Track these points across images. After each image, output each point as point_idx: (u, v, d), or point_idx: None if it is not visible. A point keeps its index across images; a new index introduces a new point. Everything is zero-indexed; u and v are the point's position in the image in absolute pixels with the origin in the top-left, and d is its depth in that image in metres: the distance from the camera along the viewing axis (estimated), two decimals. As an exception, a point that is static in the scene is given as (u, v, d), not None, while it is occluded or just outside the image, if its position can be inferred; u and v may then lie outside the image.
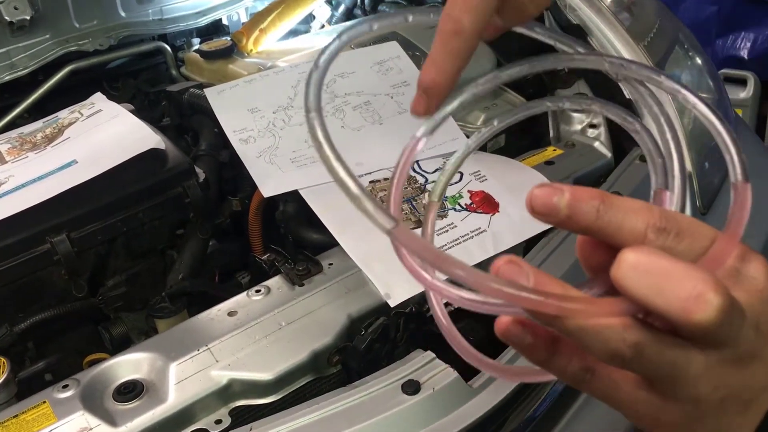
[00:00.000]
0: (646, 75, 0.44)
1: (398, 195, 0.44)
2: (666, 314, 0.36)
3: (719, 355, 0.38)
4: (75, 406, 0.73)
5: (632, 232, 0.38)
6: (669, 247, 0.37)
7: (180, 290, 0.92)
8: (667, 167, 0.42)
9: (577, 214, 0.38)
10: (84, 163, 0.95)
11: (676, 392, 0.39)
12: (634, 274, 0.36)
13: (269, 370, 0.77)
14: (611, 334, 0.37)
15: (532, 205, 0.39)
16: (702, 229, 0.38)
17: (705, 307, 0.35)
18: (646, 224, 0.37)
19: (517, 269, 0.37)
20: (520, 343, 0.42)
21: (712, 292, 0.35)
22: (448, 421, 0.73)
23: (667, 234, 0.37)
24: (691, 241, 0.38)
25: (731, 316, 0.36)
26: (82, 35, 1.36)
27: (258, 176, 1.01)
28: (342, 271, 0.90)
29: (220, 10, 1.53)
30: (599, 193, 0.38)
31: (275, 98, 1.14)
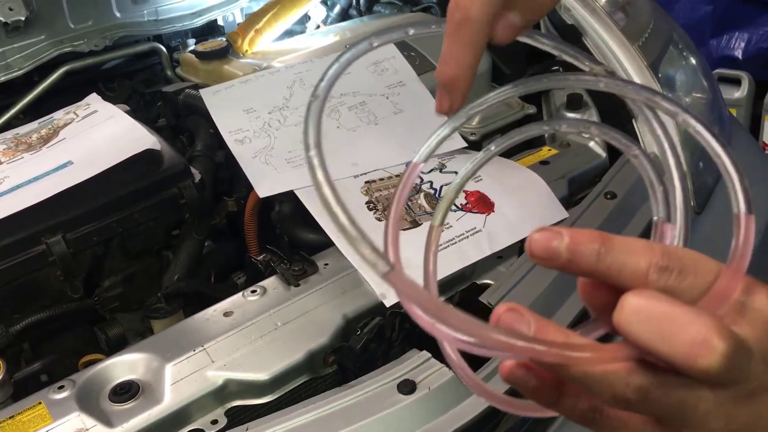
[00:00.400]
0: (645, 96, 0.42)
1: (396, 231, 0.42)
2: (670, 360, 0.35)
3: (728, 393, 0.38)
4: (71, 406, 0.73)
5: (634, 273, 0.37)
6: (672, 286, 0.37)
7: (176, 291, 0.92)
8: (669, 197, 0.41)
9: (578, 258, 0.38)
10: (79, 164, 0.95)
11: (686, 430, 0.39)
12: (637, 320, 0.36)
13: (265, 371, 0.77)
14: (615, 379, 0.37)
15: (531, 250, 0.39)
16: (706, 264, 0.38)
17: (710, 352, 0.34)
18: (648, 264, 0.37)
19: (517, 317, 0.37)
20: (526, 387, 0.41)
21: (716, 337, 0.34)
22: (443, 420, 0.73)
23: (670, 272, 0.37)
24: (695, 278, 0.37)
25: (737, 358, 0.35)
26: (77, 36, 1.36)
27: (253, 177, 1.01)
28: (338, 271, 0.90)
29: (215, 10, 1.53)
30: (599, 235, 0.38)
31: (271, 99, 1.14)
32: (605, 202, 1.01)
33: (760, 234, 1.20)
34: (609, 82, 0.43)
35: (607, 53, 1.24)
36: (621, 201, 1.01)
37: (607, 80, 0.43)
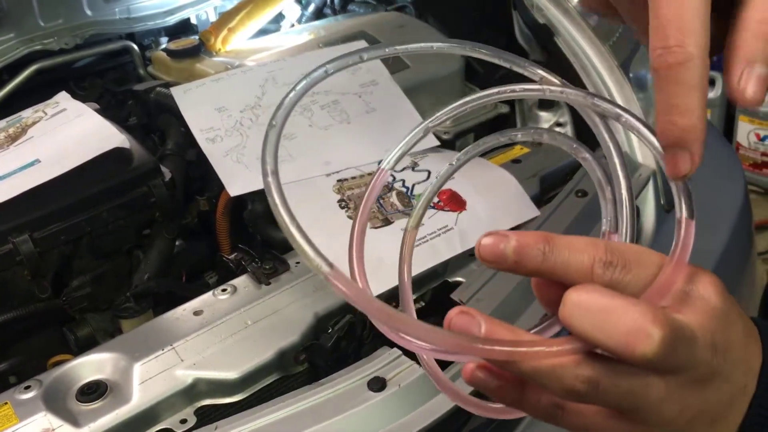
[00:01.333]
0: (590, 102, 0.44)
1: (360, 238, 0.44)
2: (610, 350, 0.37)
3: (677, 379, 0.39)
4: (37, 406, 0.72)
5: (579, 270, 0.39)
6: (616, 279, 0.39)
7: (145, 290, 0.91)
8: (616, 197, 0.43)
9: (524, 260, 0.39)
10: (47, 162, 0.94)
11: (643, 418, 0.40)
12: (578, 313, 0.37)
13: (235, 369, 0.77)
14: (564, 372, 0.38)
15: (480, 254, 0.40)
16: (649, 257, 0.40)
17: (647, 340, 0.36)
18: (591, 260, 0.39)
19: (468, 319, 0.39)
20: (487, 387, 0.43)
21: (651, 325, 0.36)
22: (413, 417, 0.73)
23: (614, 267, 0.39)
24: (638, 271, 0.39)
25: (677, 344, 0.37)
26: (48, 34, 1.34)
27: (225, 175, 1.01)
28: (309, 269, 0.89)
29: (188, 9, 1.52)
30: (544, 236, 0.39)
31: (243, 97, 1.13)
32: (576, 200, 1.02)
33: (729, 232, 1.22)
34: (553, 90, 0.44)
35: (579, 53, 1.25)
36: (591, 199, 1.01)
37: (552, 88, 0.44)
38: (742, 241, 1.25)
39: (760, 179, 2.84)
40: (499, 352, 0.37)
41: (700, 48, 0.38)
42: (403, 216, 0.95)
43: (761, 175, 2.84)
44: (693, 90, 0.38)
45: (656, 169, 1.14)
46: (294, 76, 1.18)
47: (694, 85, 0.38)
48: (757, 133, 2.79)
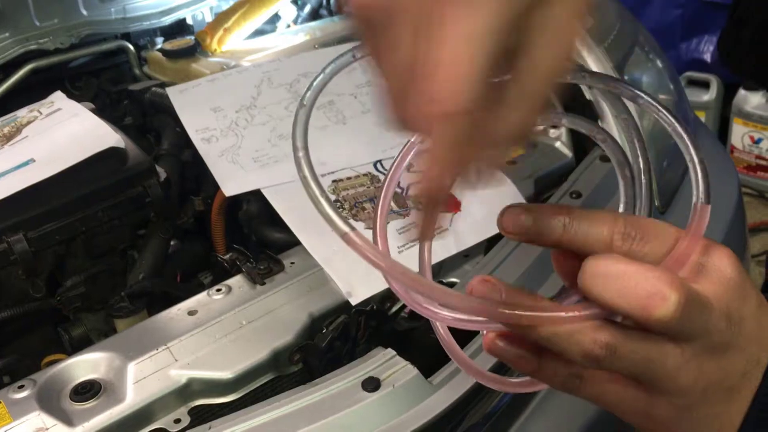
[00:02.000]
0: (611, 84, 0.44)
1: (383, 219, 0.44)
2: (629, 314, 0.38)
3: (693, 347, 0.40)
4: (31, 406, 0.72)
5: (598, 241, 0.40)
6: (635, 250, 0.40)
7: (140, 290, 0.91)
8: (634, 173, 0.45)
9: (546, 230, 0.40)
10: (42, 161, 0.94)
11: (659, 387, 0.41)
12: (597, 281, 0.38)
13: (229, 369, 0.77)
14: (582, 337, 0.39)
15: (502, 225, 0.41)
16: (666, 230, 0.41)
17: (664, 303, 0.37)
18: (611, 232, 0.40)
19: (489, 286, 0.40)
20: (507, 356, 0.44)
21: (668, 289, 0.37)
22: (408, 417, 0.73)
23: (632, 239, 0.40)
24: (656, 243, 0.40)
25: (693, 310, 0.38)
26: (43, 33, 1.34)
27: (220, 176, 1.01)
28: (304, 269, 0.90)
29: (183, 9, 1.52)
30: (565, 208, 0.41)
31: (238, 97, 1.13)
32: (571, 201, 1.02)
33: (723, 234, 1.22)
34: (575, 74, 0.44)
35: (574, 54, 1.25)
36: (586, 200, 1.02)
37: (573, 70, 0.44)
38: (736, 243, 1.25)
39: (754, 182, 2.85)
40: (520, 316, 0.38)
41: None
42: (398, 217, 0.95)
43: (755, 177, 2.85)
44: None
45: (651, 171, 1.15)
46: (290, 76, 1.19)
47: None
48: (751, 136, 2.80)
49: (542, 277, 0.90)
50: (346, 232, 0.38)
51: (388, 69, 0.36)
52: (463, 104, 0.33)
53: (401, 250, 0.90)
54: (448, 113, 0.33)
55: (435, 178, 0.36)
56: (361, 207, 0.96)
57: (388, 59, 0.35)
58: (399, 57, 0.34)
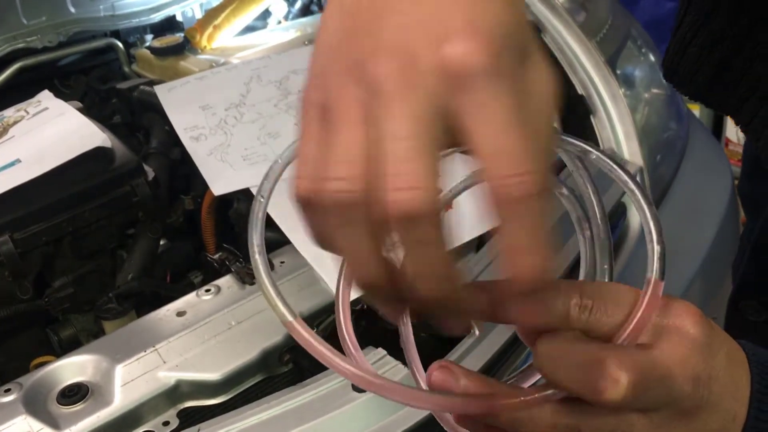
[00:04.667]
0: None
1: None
2: (583, 396, 0.37)
3: (660, 415, 0.39)
4: (17, 410, 0.71)
5: (555, 316, 0.39)
6: (593, 321, 0.39)
7: (128, 290, 0.91)
8: (594, 234, 0.44)
9: (501, 309, 0.40)
10: (27, 161, 0.93)
11: None
12: (548, 362, 0.38)
13: (218, 371, 0.76)
14: (541, 422, 0.39)
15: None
16: (625, 295, 0.40)
17: (615, 385, 0.36)
18: (567, 305, 0.39)
19: (447, 374, 0.40)
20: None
21: (618, 370, 0.36)
22: (398, 417, 0.72)
23: (589, 310, 0.39)
24: (615, 310, 0.39)
25: (650, 383, 0.37)
26: (31, 32, 1.32)
27: (209, 174, 1.00)
28: (294, 269, 0.89)
29: (173, 6, 1.51)
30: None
31: (227, 95, 1.13)
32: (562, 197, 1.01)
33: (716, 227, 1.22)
34: None
35: (566, 49, 1.25)
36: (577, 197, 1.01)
37: None
38: (729, 236, 1.25)
39: (748, 175, 2.85)
40: (479, 406, 0.38)
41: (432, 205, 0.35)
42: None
43: (750, 170, 2.85)
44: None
45: (643, 166, 1.14)
46: (279, 73, 1.18)
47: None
48: (745, 129, 2.80)
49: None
50: (290, 320, 0.40)
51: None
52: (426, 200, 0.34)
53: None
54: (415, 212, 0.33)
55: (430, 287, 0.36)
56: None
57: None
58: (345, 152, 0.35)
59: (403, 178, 0.33)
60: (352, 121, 0.35)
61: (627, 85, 1.26)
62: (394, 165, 0.33)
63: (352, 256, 0.37)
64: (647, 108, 1.28)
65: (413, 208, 0.33)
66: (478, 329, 0.42)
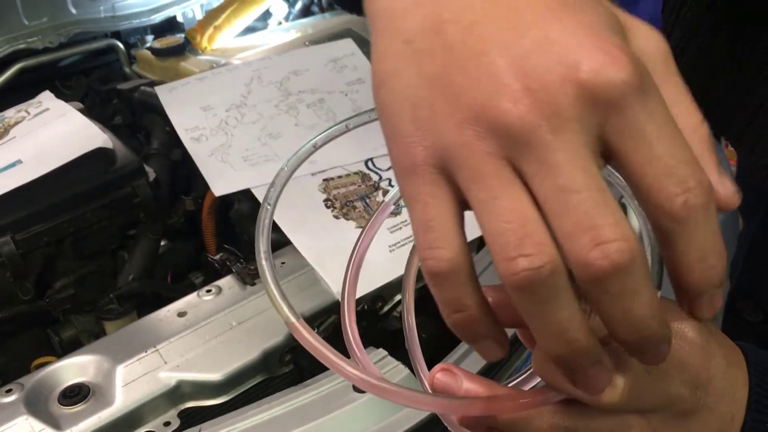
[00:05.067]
0: None
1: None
2: (581, 399, 0.37)
3: (658, 417, 0.39)
4: (18, 410, 0.71)
5: None
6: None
7: (129, 291, 0.91)
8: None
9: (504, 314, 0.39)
10: (29, 162, 0.93)
11: None
12: (547, 366, 0.38)
13: (219, 371, 0.76)
14: (541, 423, 0.39)
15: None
16: None
17: (611, 388, 0.36)
18: None
19: (450, 377, 0.40)
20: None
21: (615, 374, 0.36)
22: (399, 417, 0.73)
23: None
24: None
25: (646, 386, 0.37)
26: (31, 32, 1.33)
27: (210, 175, 1.00)
28: (295, 269, 0.89)
29: (174, 6, 1.51)
30: None
31: (228, 96, 1.13)
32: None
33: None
34: None
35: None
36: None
37: None
38: (729, 237, 1.25)
39: (748, 175, 2.85)
40: (477, 408, 0.39)
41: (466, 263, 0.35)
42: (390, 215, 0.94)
43: (750, 171, 2.85)
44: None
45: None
46: (280, 74, 1.18)
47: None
48: (745, 130, 2.80)
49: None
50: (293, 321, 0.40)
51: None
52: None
53: (393, 249, 0.90)
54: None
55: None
56: (352, 206, 0.96)
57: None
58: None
59: (604, 231, 0.30)
60: (504, 181, 0.31)
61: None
62: (587, 219, 0.30)
63: (557, 329, 0.33)
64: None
65: (625, 258, 0.30)
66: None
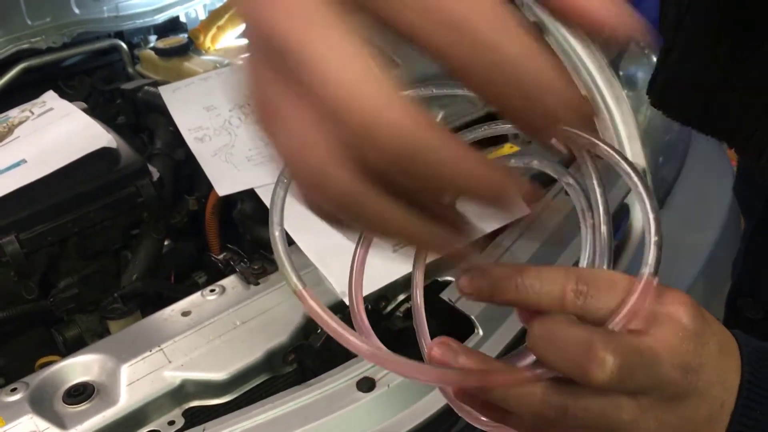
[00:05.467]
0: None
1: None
2: (571, 377, 0.39)
3: (648, 399, 0.40)
4: (23, 409, 0.71)
5: (551, 299, 0.40)
6: (587, 306, 0.40)
7: (133, 291, 0.91)
8: (596, 223, 0.45)
9: (500, 292, 0.41)
10: (33, 162, 0.93)
11: None
12: (540, 342, 0.39)
13: (223, 370, 0.76)
14: (532, 399, 0.40)
15: (460, 286, 0.42)
16: (619, 282, 0.41)
17: (600, 366, 0.38)
18: (561, 290, 0.40)
19: (446, 350, 0.42)
20: (474, 406, 0.45)
21: (604, 352, 0.38)
22: (403, 417, 0.73)
23: (584, 295, 0.40)
24: (609, 296, 0.40)
25: (635, 367, 0.38)
26: (35, 32, 1.33)
27: (213, 175, 1.00)
28: (298, 269, 0.89)
29: (177, 6, 1.52)
30: (517, 269, 0.41)
31: (231, 96, 1.13)
32: (566, 198, 1.02)
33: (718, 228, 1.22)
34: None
35: (569, 51, 1.25)
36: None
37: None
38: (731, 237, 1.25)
39: (750, 176, 2.85)
40: (472, 380, 0.40)
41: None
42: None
43: (751, 172, 2.85)
44: None
45: (646, 167, 1.15)
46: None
47: None
48: (747, 131, 2.80)
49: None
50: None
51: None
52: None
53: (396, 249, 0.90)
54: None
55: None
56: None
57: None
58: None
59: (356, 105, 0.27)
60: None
61: (630, 86, 1.26)
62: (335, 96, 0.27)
63: (395, 230, 0.32)
64: (650, 109, 1.28)
65: (400, 144, 0.27)
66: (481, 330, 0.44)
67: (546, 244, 0.94)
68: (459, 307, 0.84)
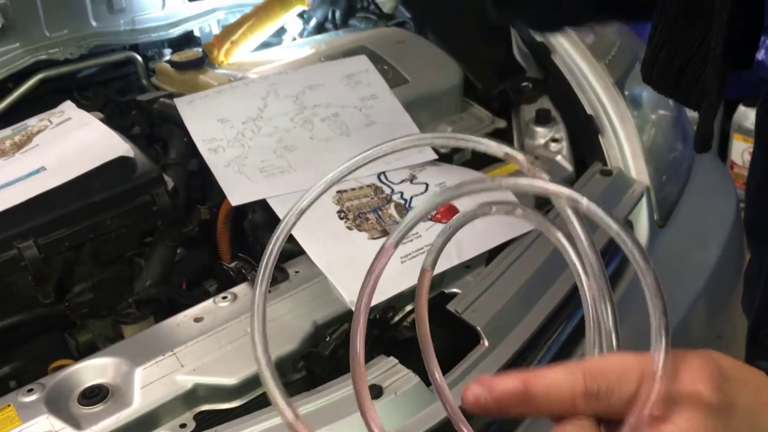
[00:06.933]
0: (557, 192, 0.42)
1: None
2: None
3: None
4: (39, 409, 0.73)
5: (562, 406, 0.40)
6: (600, 406, 0.39)
7: (147, 296, 0.93)
8: (596, 299, 0.42)
9: (508, 408, 0.40)
10: (52, 169, 0.96)
11: None
12: None
13: (234, 375, 0.78)
14: None
15: (467, 407, 0.41)
16: (631, 371, 0.39)
17: None
18: (571, 394, 0.39)
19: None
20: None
21: None
22: (410, 424, 0.74)
23: (595, 397, 0.39)
24: (622, 390, 0.39)
25: None
26: (53, 44, 1.36)
27: (226, 185, 1.03)
28: (308, 278, 0.91)
29: (191, 21, 1.54)
30: (521, 380, 0.40)
31: (245, 109, 1.15)
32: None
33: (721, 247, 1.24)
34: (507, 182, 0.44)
35: (575, 70, 1.27)
36: (585, 213, 1.03)
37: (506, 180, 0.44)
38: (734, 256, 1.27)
39: (754, 198, 2.85)
40: None
41: None
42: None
43: (755, 193, 2.85)
44: None
45: (650, 185, 1.17)
46: (296, 88, 1.21)
47: None
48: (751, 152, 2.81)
49: (542, 289, 0.92)
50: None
51: None
52: None
53: (404, 260, 0.92)
54: None
55: None
56: (365, 217, 0.98)
57: None
58: None
59: None
60: None
61: (635, 106, 1.28)
62: None
63: None
64: (654, 129, 1.30)
65: None
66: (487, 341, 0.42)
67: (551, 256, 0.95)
68: (465, 318, 0.85)
